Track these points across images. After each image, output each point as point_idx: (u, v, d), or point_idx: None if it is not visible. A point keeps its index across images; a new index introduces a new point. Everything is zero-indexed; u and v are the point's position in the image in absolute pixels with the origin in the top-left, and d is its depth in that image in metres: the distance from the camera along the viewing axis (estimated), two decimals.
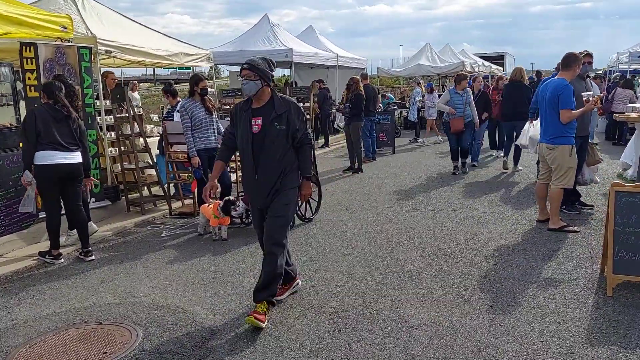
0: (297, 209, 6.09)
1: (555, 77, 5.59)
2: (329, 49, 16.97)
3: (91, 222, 5.84)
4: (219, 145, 6.39)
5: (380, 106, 14.71)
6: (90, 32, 7.14)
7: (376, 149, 12.35)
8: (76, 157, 5.07)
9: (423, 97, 14.25)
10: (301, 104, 11.09)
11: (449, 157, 9.41)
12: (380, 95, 18.39)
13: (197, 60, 9.93)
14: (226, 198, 5.56)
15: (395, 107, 15.57)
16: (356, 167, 9.67)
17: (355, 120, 9.51)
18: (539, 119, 5.88)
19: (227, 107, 10.90)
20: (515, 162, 9.17)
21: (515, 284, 4.07)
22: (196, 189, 6.19)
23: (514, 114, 8.70)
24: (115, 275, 4.66)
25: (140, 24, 9.08)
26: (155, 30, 9.46)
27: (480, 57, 23.38)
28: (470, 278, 4.23)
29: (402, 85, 27.94)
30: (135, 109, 8.21)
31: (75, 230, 5.29)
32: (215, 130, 6.12)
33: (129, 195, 7.25)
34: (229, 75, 18.08)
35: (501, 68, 24.09)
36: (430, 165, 10.26)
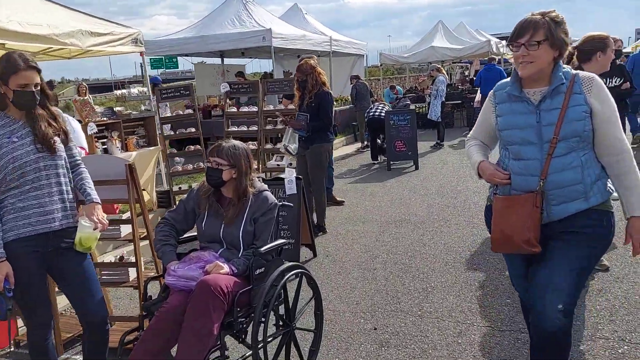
0: None
1: None
2: (320, 31, 13.35)
3: None
4: (82, 223, 2.24)
5: (384, 103, 11.08)
6: None
7: (391, 163, 8.85)
8: None
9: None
10: (281, 106, 7.40)
11: None
12: (388, 88, 14.88)
13: (114, 44, 6.28)
14: None
15: (408, 103, 11.94)
16: (316, 223, 5.27)
17: (319, 141, 5.09)
18: None
19: (181, 111, 7.16)
20: None
21: None
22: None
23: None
24: None
25: None
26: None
27: (498, 38, 19.77)
28: None
29: (407, 75, 24.19)
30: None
31: None
32: (65, 188, 2.52)
33: None
34: (194, 69, 14.35)
35: None
36: (483, 191, 6.71)
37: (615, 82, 4.73)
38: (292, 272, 2.72)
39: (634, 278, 3.71)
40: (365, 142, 10.79)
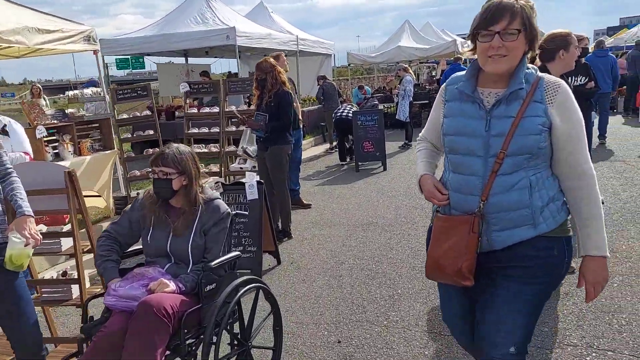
0: None
1: None
2: (286, 29, 13.14)
3: None
4: (13, 239, 1.99)
5: (352, 104, 10.95)
6: None
7: (359, 164, 8.72)
8: None
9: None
10: (244, 107, 7.13)
11: None
12: (357, 87, 14.79)
13: (65, 42, 5.93)
14: None
15: (376, 103, 11.85)
16: (280, 228, 5.18)
17: (277, 142, 4.91)
18: None
19: (139, 113, 6.77)
20: None
21: None
22: None
23: None
24: None
25: None
26: None
27: (463, 38, 19.99)
28: None
29: (375, 75, 24.20)
30: None
31: None
32: None
33: None
34: (158, 69, 13.94)
35: None
36: None
37: (580, 80, 4.67)
38: (247, 287, 2.53)
39: None
40: (334, 143, 10.66)
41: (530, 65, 1.76)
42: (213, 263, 2.37)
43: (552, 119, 1.69)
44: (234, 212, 2.65)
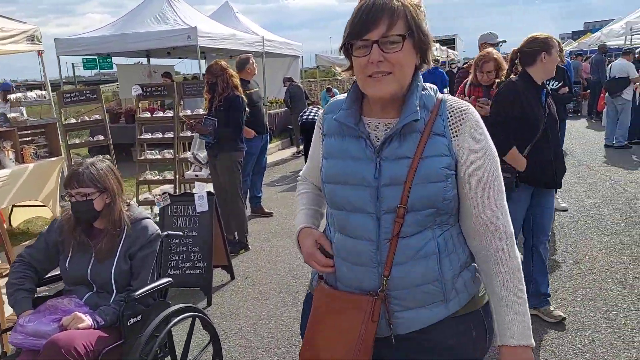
0: None
1: None
2: (252, 30, 12.83)
3: None
4: None
5: (319, 107, 10.75)
6: None
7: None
8: None
9: None
10: (199, 109, 6.61)
11: None
12: (325, 90, 14.59)
13: (5, 42, 5.51)
14: None
15: None
16: (236, 239, 4.85)
17: (227, 149, 4.62)
18: None
19: (88, 117, 6.35)
20: None
21: None
22: None
23: None
24: None
25: None
26: None
27: (437, 42, 20.07)
28: None
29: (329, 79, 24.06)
30: None
31: None
32: None
33: None
34: (117, 70, 13.41)
35: (456, 52, 20.91)
36: None
37: (553, 85, 4.48)
38: (180, 317, 2.27)
39: (562, 294, 3.55)
40: (301, 147, 10.44)
41: (428, 85, 1.31)
42: (137, 293, 2.11)
43: (458, 157, 1.24)
44: (164, 233, 2.39)
